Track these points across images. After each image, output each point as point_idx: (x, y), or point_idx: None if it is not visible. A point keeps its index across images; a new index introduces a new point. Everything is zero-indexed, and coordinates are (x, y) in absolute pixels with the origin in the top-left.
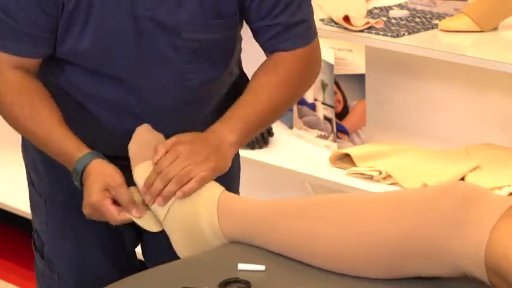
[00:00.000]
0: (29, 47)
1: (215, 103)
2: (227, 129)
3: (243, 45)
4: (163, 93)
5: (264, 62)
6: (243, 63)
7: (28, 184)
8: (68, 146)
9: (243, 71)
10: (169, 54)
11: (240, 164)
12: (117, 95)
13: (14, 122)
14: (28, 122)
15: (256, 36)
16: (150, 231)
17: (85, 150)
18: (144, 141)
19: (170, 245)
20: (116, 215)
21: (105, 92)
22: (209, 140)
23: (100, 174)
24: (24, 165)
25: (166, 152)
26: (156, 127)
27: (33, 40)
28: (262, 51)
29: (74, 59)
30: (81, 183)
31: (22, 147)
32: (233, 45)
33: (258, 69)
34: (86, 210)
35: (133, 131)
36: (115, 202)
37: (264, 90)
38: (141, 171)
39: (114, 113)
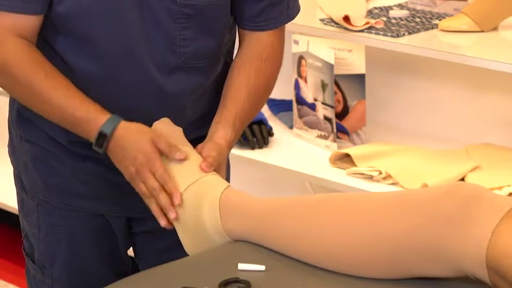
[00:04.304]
0: (24, 2)
1: (206, 88)
2: (232, 134)
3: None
4: (153, 62)
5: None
6: None
7: (18, 190)
8: (89, 109)
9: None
10: (164, 20)
11: (229, 162)
12: (105, 67)
13: (27, 90)
14: (44, 85)
15: (243, 10)
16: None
17: (108, 114)
18: None
19: (162, 248)
20: (161, 166)
21: (91, 65)
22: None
23: (140, 130)
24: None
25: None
26: (143, 103)
27: None
28: None
29: (70, 20)
30: (102, 147)
31: (9, 151)
32: (226, 16)
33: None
34: (131, 170)
35: (122, 106)
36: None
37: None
38: None
39: (102, 88)
